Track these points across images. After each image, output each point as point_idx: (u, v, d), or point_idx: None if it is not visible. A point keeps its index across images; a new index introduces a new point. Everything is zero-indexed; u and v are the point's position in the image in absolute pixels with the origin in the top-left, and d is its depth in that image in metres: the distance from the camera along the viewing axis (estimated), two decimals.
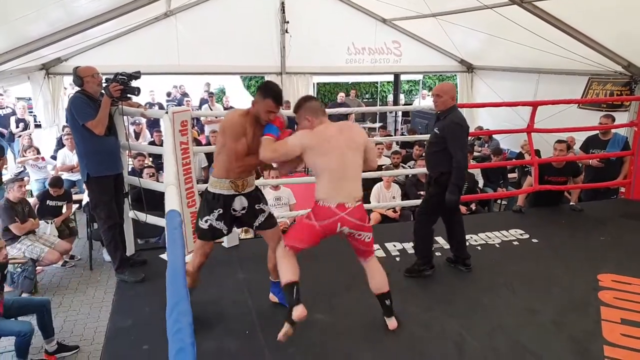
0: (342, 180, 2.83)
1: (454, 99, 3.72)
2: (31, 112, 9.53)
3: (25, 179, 7.35)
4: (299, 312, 2.74)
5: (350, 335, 3.04)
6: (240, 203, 2.99)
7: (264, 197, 3.17)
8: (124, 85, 3.51)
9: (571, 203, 5.52)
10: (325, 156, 2.80)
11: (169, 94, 13.39)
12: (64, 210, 6.21)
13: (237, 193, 2.97)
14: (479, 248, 4.40)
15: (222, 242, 4.42)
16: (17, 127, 8.67)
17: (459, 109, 3.79)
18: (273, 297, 3.37)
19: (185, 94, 12.67)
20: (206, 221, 2.97)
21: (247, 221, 3.09)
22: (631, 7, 5.91)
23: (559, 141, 5.42)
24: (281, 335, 2.75)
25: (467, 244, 4.30)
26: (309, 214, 2.90)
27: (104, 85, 3.55)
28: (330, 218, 2.82)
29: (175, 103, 12.43)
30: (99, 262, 5.99)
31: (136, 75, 3.60)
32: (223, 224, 2.99)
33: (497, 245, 4.49)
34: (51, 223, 5.85)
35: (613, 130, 5.92)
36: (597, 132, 5.96)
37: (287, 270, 2.86)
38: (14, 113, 8.93)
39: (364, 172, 3.05)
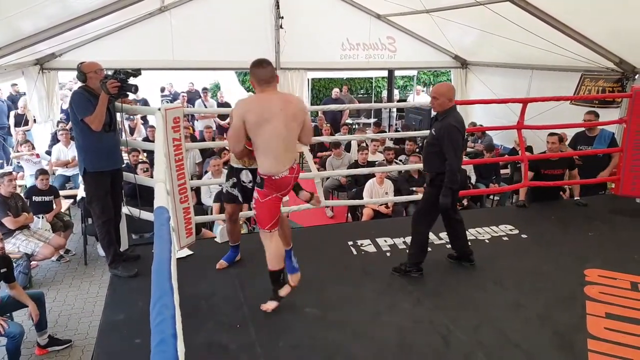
0: (286, 151, 3.02)
1: (452, 100, 3.68)
2: None
3: (20, 174, 7.39)
4: (285, 290, 3.23)
5: (339, 329, 3.09)
6: (246, 176, 3.48)
7: None
8: (121, 82, 3.53)
9: (575, 198, 5.63)
10: (268, 124, 2.90)
11: (162, 89, 13.35)
12: (54, 206, 6.22)
13: (243, 167, 3.49)
14: (469, 243, 4.45)
15: (215, 237, 4.49)
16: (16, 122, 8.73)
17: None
18: (222, 263, 3.87)
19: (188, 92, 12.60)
20: (224, 187, 3.70)
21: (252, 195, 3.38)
22: (623, 4, 5.96)
23: (551, 134, 5.48)
24: (266, 307, 3.21)
25: None
26: (264, 192, 3.07)
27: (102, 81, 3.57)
28: (289, 184, 3.13)
29: (170, 99, 12.42)
30: (93, 257, 6.02)
31: (135, 73, 3.61)
32: (237, 191, 3.56)
33: (487, 241, 4.54)
34: (42, 217, 5.87)
35: (600, 127, 5.98)
36: (584, 128, 6.01)
37: (275, 257, 3.15)
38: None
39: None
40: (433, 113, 3.91)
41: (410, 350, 2.91)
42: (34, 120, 9.06)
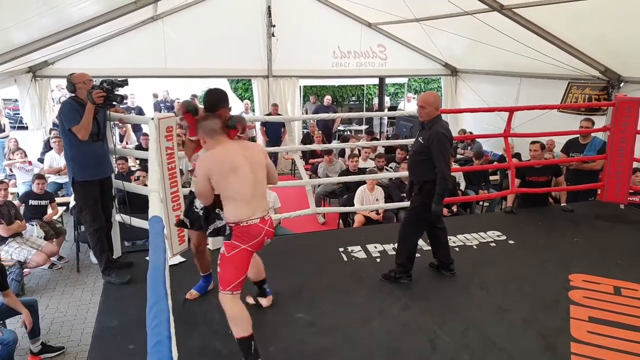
0: (256, 197, 2.80)
1: (438, 109, 3.78)
2: (17, 113, 9.57)
3: (12, 181, 7.40)
4: None
5: (329, 334, 3.16)
6: (199, 202, 3.18)
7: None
8: (107, 92, 3.59)
9: (562, 204, 5.73)
10: (234, 176, 2.72)
11: (155, 95, 13.30)
12: (49, 210, 6.27)
13: None
14: (456, 249, 4.53)
15: (208, 244, 4.53)
16: None
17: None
18: (192, 293, 3.57)
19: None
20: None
21: (204, 224, 3.24)
22: (608, 15, 6.09)
23: (533, 142, 5.63)
24: None
25: None
26: (231, 245, 2.76)
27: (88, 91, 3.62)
28: (260, 235, 2.78)
29: (168, 104, 12.38)
30: (85, 264, 6.04)
31: (122, 83, 3.68)
32: (185, 218, 3.34)
33: (475, 247, 4.63)
34: (35, 225, 5.90)
35: (592, 134, 6.09)
36: (578, 135, 6.12)
37: (241, 323, 2.77)
38: None
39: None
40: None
41: (399, 354, 2.98)
42: (10, 126, 9.07)
